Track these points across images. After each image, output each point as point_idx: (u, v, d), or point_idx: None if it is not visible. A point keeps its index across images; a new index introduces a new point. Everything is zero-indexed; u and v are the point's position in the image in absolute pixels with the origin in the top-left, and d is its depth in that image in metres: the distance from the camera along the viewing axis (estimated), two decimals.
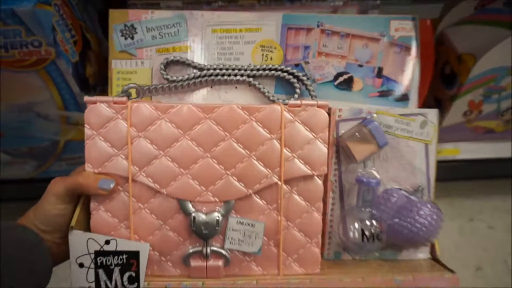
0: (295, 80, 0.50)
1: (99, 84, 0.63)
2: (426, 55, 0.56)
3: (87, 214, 0.43)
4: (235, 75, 0.50)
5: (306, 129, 0.42)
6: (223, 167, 0.41)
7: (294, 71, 0.50)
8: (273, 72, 0.50)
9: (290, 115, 0.42)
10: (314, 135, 0.42)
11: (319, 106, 0.42)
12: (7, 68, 0.52)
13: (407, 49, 0.52)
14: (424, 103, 0.62)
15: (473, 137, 0.73)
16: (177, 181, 0.41)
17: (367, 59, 0.52)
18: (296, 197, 0.43)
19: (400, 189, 0.49)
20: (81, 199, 0.42)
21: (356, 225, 0.45)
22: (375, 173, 0.47)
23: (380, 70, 0.52)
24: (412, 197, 0.48)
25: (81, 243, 0.40)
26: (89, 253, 0.40)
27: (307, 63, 0.52)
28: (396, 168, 0.48)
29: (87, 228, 0.42)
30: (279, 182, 0.42)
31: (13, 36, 0.50)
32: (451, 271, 0.45)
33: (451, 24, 0.63)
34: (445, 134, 0.69)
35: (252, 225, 0.42)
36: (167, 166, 0.41)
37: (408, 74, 0.52)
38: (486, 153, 0.75)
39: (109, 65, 0.50)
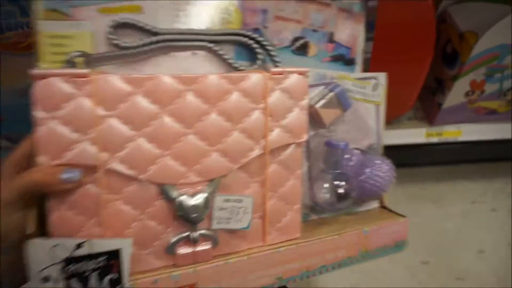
0: (256, 46, 0.47)
1: None
2: (427, 34, 0.55)
3: (40, 217, 0.34)
4: (193, 40, 0.44)
5: (288, 97, 0.41)
6: (207, 143, 0.38)
7: (256, 35, 0.47)
8: (234, 37, 0.46)
9: (273, 84, 0.40)
10: (295, 103, 0.41)
11: (300, 73, 0.41)
12: (7, 51, 0.53)
13: (353, 14, 0.54)
14: (425, 84, 0.59)
15: (475, 118, 0.69)
16: (157, 164, 0.36)
17: (320, 24, 0.53)
18: (278, 166, 0.42)
19: (357, 148, 0.52)
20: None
21: (328, 186, 0.48)
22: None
23: (331, 35, 0.53)
24: (368, 156, 0.52)
25: (42, 253, 0.33)
26: (55, 263, 0.33)
27: (266, 27, 0.49)
28: (354, 129, 0.52)
29: (42, 234, 0.34)
30: (264, 154, 0.41)
31: (8, 17, 0.50)
32: (403, 216, 0.52)
33: (453, 1, 0.61)
34: (447, 115, 0.67)
35: (239, 201, 0.40)
36: (145, 148, 0.35)
37: (355, 39, 0.55)
38: (489, 135, 0.71)
39: (34, 27, 0.39)
